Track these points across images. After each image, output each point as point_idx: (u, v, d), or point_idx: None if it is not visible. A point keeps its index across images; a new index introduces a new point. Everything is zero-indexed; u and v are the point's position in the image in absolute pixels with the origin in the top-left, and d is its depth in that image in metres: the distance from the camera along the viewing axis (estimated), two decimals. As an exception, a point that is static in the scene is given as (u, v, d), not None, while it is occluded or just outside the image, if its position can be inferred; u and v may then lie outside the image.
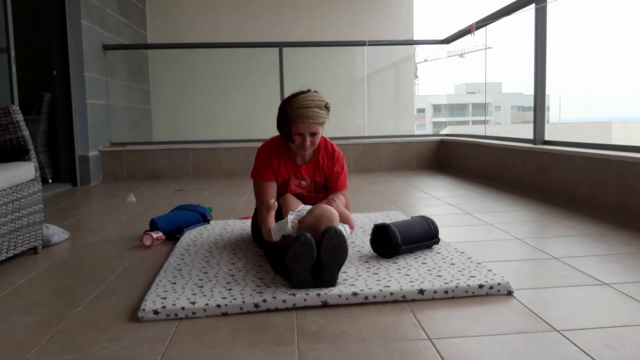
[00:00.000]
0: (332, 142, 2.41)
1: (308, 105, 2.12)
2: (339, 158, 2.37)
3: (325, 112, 2.17)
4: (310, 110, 2.12)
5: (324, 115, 2.16)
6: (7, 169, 2.22)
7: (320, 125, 2.18)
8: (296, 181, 2.34)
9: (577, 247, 2.28)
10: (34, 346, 1.42)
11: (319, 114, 2.14)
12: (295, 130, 2.15)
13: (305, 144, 2.17)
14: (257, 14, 7.10)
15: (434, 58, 39.01)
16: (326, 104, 2.18)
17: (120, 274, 2.08)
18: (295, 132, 2.16)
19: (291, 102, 2.17)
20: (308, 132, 2.15)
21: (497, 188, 4.15)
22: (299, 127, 2.13)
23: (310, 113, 2.11)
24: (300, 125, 2.13)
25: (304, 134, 2.15)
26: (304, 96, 2.16)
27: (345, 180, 2.40)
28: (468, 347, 1.35)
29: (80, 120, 5.00)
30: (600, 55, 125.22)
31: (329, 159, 2.35)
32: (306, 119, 2.11)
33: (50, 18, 4.86)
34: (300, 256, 1.68)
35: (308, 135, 2.15)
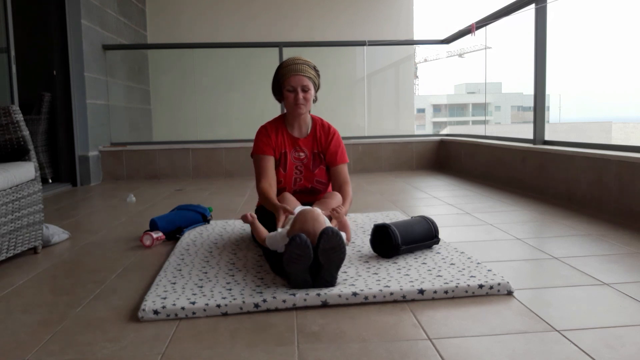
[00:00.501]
0: (329, 123, 2.56)
1: (297, 62, 2.34)
2: (334, 133, 2.52)
3: (314, 71, 2.37)
4: (299, 65, 2.32)
5: (312, 73, 2.35)
6: (7, 169, 2.22)
7: (310, 81, 2.34)
8: (295, 153, 2.45)
9: (577, 247, 2.28)
10: (34, 346, 1.42)
11: (308, 69, 2.33)
12: (288, 86, 2.33)
13: (298, 98, 2.32)
14: (257, 14, 7.10)
15: (434, 58, 39.04)
16: (314, 66, 2.39)
17: (120, 274, 2.08)
18: (288, 89, 2.33)
19: (282, 64, 2.39)
20: (299, 86, 2.31)
21: (497, 188, 4.15)
22: (290, 81, 2.31)
23: (299, 67, 2.32)
24: (292, 79, 2.31)
25: (295, 89, 2.31)
26: (293, 57, 2.38)
27: (344, 155, 2.53)
28: (468, 347, 1.35)
29: (80, 120, 5.00)
30: (600, 55, 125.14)
31: (325, 134, 2.49)
32: (296, 72, 2.30)
33: (50, 18, 4.86)
34: (296, 257, 1.68)
35: (300, 90, 2.31)
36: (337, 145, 2.50)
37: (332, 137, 2.49)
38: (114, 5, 5.77)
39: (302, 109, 2.36)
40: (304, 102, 2.33)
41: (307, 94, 2.34)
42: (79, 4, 4.88)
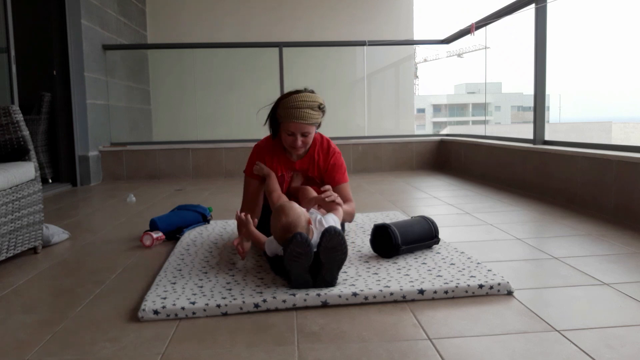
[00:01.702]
0: (329, 139, 2.41)
1: (300, 106, 2.11)
2: (334, 153, 2.36)
3: (318, 113, 2.16)
4: (302, 111, 2.10)
5: (316, 116, 2.15)
6: (7, 169, 2.22)
7: (311, 126, 2.17)
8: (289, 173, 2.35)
9: (577, 247, 2.28)
10: (34, 346, 1.42)
11: (311, 114, 2.12)
12: (287, 130, 2.16)
13: (297, 144, 2.17)
14: (257, 14, 7.11)
15: (434, 58, 39.05)
16: (320, 104, 2.16)
17: (120, 274, 2.08)
18: (287, 132, 2.17)
19: (283, 101, 2.16)
20: (299, 132, 2.15)
21: (497, 188, 4.15)
22: (290, 127, 2.14)
23: (301, 113, 2.10)
24: (292, 125, 2.13)
25: (295, 134, 2.15)
26: (297, 96, 2.14)
27: (344, 175, 2.37)
28: (468, 347, 1.35)
29: (80, 120, 5.00)
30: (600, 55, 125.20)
31: (324, 155, 2.34)
32: (297, 119, 2.11)
33: (50, 18, 4.86)
34: (297, 256, 1.68)
35: (299, 135, 2.16)
36: (338, 166, 2.34)
37: (331, 157, 2.34)
38: (114, 5, 5.77)
39: (299, 150, 2.23)
40: (302, 146, 2.19)
41: (307, 138, 2.18)
42: (79, 4, 4.88)
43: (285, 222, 1.81)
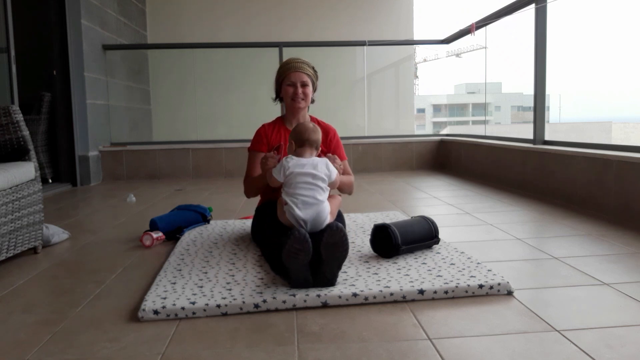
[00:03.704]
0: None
1: (297, 60, 2.46)
2: (333, 131, 2.56)
3: (312, 70, 2.46)
4: (299, 63, 2.44)
5: (311, 72, 2.46)
6: (7, 169, 2.22)
7: (309, 78, 2.43)
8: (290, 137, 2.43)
9: (577, 247, 2.28)
10: (34, 346, 1.42)
11: (307, 67, 2.45)
12: (287, 82, 2.43)
13: (297, 92, 2.41)
14: (257, 14, 7.10)
15: (433, 58, 39.06)
16: (313, 67, 2.49)
17: (120, 274, 2.08)
18: (288, 84, 2.43)
19: (282, 63, 2.49)
20: (299, 82, 2.41)
21: (497, 188, 4.15)
22: (290, 77, 2.42)
23: (298, 65, 2.43)
24: (291, 75, 2.41)
25: (295, 83, 2.41)
26: (293, 57, 2.51)
27: (343, 152, 2.58)
28: (468, 347, 1.35)
29: (80, 120, 5.00)
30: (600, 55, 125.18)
31: (324, 133, 2.50)
32: (295, 69, 2.42)
33: (50, 18, 4.86)
34: (296, 252, 1.68)
35: (299, 85, 2.41)
36: (336, 144, 2.54)
37: (331, 135, 2.53)
38: (114, 5, 5.77)
39: (301, 103, 2.44)
40: (303, 97, 2.43)
41: (306, 89, 2.43)
42: (79, 4, 4.88)
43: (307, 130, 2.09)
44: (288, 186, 2.01)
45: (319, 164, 2.03)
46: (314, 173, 1.99)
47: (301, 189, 1.98)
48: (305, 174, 1.99)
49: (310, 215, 1.94)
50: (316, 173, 2.00)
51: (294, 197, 1.97)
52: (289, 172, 2.00)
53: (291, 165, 2.01)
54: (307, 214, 1.94)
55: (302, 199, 1.96)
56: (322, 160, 2.07)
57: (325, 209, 1.98)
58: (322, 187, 2.01)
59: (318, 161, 2.05)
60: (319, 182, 2.00)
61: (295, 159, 2.03)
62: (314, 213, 1.95)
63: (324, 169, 2.03)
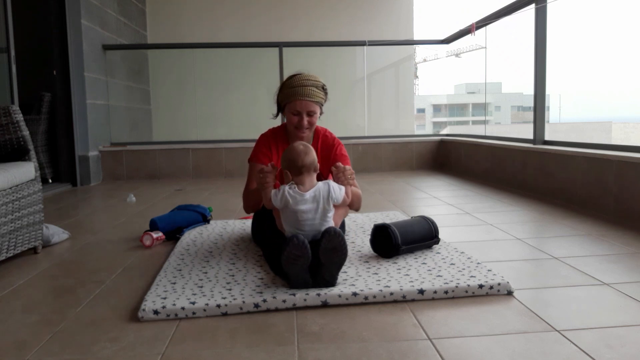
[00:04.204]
0: (332, 132, 2.43)
1: (304, 84, 2.15)
2: (338, 144, 2.38)
3: (321, 93, 2.20)
4: (307, 89, 2.15)
5: (320, 95, 2.19)
6: (7, 169, 2.22)
7: (317, 105, 2.20)
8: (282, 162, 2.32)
9: (577, 247, 2.28)
10: (34, 346, 1.42)
11: (316, 92, 2.17)
12: (293, 109, 2.18)
13: (303, 123, 2.19)
14: (257, 14, 7.10)
15: (433, 58, 39.05)
16: (323, 85, 2.21)
17: (120, 274, 2.08)
18: (293, 112, 2.19)
19: (288, 81, 2.20)
20: (305, 111, 2.17)
21: (497, 188, 4.15)
22: (296, 105, 2.16)
23: (306, 91, 2.15)
24: (297, 103, 2.16)
25: (301, 113, 2.18)
26: (301, 75, 2.20)
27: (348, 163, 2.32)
28: (468, 347, 1.35)
29: (80, 120, 5.00)
30: (600, 55, 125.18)
31: (329, 146, 2.36)
32: (302, 96, 2.15)
33: (50, 18, 4.86)
34: (295, 258, 1.67)
35: (305, 115, 2.18)
36: (341, 154, 2.36)
37: (336, 147, 2.36)
38: (114, 5, 5.77)
39: (305, 132, 2.23)
40: (308, 127, 2.21)
41: (313, 118, 2.21)
42: (79, 4, 4.88)
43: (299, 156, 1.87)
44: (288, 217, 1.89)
45: (321, 197, 1.86)
46: (316, 208, 1.86)
47: (304, 225, 1.86)
48: (307, 210, 1.85)
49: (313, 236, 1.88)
50: (319, 208, 1.86)
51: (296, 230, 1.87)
52: (290, 208, 1.85)
53: (292, 202, 1.85)
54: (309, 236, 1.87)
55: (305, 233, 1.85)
56: (325, 187, 1.89)
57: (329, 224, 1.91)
58: (327, 216, 1.89)
59: (321, 190, 1.88)
60: (324, 214, 1.88)
61: (297, 194, 1.86)
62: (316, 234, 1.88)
63: (328, 197, 1.88)
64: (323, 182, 1.91)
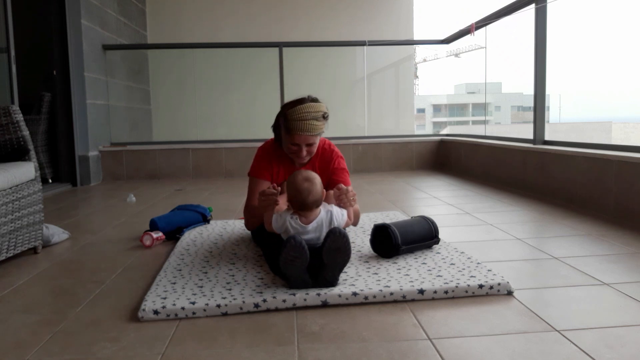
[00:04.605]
0: (331, 142, 2.41)
1: (305, 118, 2.09)
2: (337, 157, 2.37)
3: (322, 123, 2.15)
4: (307, 123, 2.09)
5: (320, 127, 2.15)
6: (7, 169, 2.22)
7: (316, 137, 2.18)
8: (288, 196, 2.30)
9: (577, 247, 2.28)
10: (34, 346, 1.42)
11: (316, 125, 2.11)
12: (291, 141, 2.15)
13: (302, 154, 2.18)
14: (257, 14, 7.10)
15: (433, 58, 39.04)
16: (324, 113, 2.15)
17: (120, 274, 2.08)
18: (292, 143, 2.16)
19: (288, 113, 2.13)
20: (304, 144, 2.16)
21: (497, 188, 4.15)
22: (295, 139, 2.13)
23: (306, 126, 2.09)
24: (296, 137, 2.12)
25: (300, 145, 2.16)
26: (301, 107, 2.11)
27: (348, 178, 2.36)
28: (468, 347, 1.35)
29: (80, 120, 5.00)
30: (600, 55, 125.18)
31: (327, 159, 2.35)
32: (302, 131, 2.10)
33: (50, 18, 4.86)
34: (293, 259, 1.67)
35: (304, 146, 2.16)
36: (340, 169, 2.35)
37: (335, 160, 2.34)
38: (114, 5, 5.77)
39: (304, 159, 2.24)
40: (307, 155, 2.21)
41: (312, 148, 2.19)
42: (79, 4, 4.88)
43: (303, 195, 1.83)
44: None
45: (324, 227, 1.86)
46: (319, 236, 1.86)
47: None
48: (309, 239, 1.84)
49: None
50: (321, 236, 1.85)
51: None
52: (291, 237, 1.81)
53: (294, 232, 1.83)
54: None
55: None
56: (327, 217, 1.88)
57: None
58: None
59: (323, 221, 1.87)
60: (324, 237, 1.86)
61: (299, 226, 1.85)
62: None
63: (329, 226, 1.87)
64: (325, 211, 1.90)
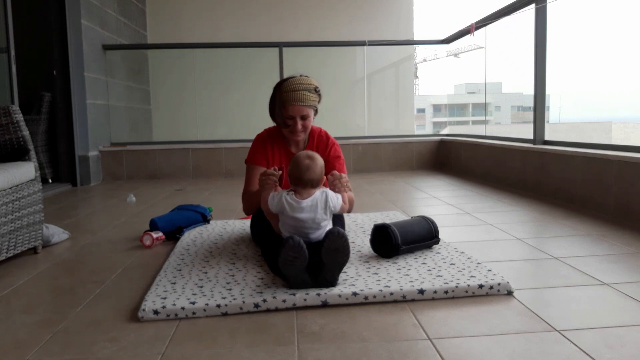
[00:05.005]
0: (326, 131, 2.44)
1: (297, 89, 2.17)
2: (333, 145, 2.40)
3: (314, 96, 2.21)
4: (300, 93, 2.16)
5: (313, 99, 2.20)
6: (7, 169, 2.22)
7: (310, 108, 2.22)
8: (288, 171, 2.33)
9: (577, 247, 2.28)
10: (34, 346, 1.42)
11: (308, 96, 2.18)
12: (286, 114, 2.20)
13: (297, 128, 2.22)
14: (257, 14, 7.11)
15: (433, 58, 39.02)
16: (315, 87, 2.22)
17: (120, 274, 2.08)
18: (286, 116, 2.20)
19: (281, 86, 2.21)
20: (299, 115, 2.19)
21: (497, 188, 4.15)
22: (289, 111, 2.18)
23: (299, 96, 2.16)
24: (290, 108, 2.17)
25: (294, 117, 2.20)
26: (293, 80, 2.21)
27: (343, 166, 2.39)
28: (468, 347, 1.35)
29: (80, 120, 5.00)
30: (600, 55, 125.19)
31: (324, 144, 2.38)
32: (295, 101, 2.16)
33: (50, 18, 4.86)
34: (292, 259, 1.67)
35: (299, 119, 2.20)
36: (335, 156, 2.38)
37: (330, 147, 2.38)
38: (114, 5, 5.77)
39: (300, 136, 2.28)
40: (302, 130, 2.24)
41: (307, 121, 2.23)
42: (79, 4, 4.88)
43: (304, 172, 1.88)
44: (285, 223, 1.92)
45: (319, 206, 1.88)
46: (314, 217, 1.88)
47: (300, 232, 1.88)
48: (304, 219, 1.87)
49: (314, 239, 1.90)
50: (316, 217, 1.88)
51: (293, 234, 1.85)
52: (287, 214, 1.88)
53: (289, 208, 1.88)
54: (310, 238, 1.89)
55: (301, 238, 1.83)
56: (322, 197, 1.90)
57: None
58: (324, 224, 1.92)
59: (318, 200, 1.89)
60: (320, 222, 1.90)
61: (294, 201, 1.88)
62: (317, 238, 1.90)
63: (325, 207, 1.90)
64: (320, 191, 1.92)
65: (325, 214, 1.90)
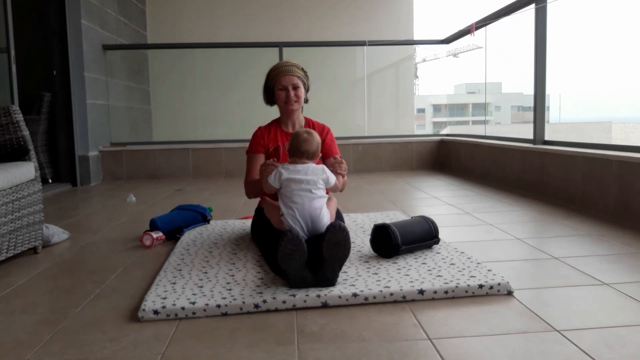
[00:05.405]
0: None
1: (285, 64, 2.45)
2: (328, 131, 2.57)
3: (302, 72, 2.46)
4: (288, 67, 2.43)
5: (301, 73, 2.45)
6: (7, 169, 2.22)
7: (299, 80, 2.42)
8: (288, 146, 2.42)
9: (577, 247, 2.28)
10: (34, 346, 1.43)
11: (297, 70, 2.43)
12: (279, 86, 2.42)
13: (290, 95, 2.41)
14: (257, 14, 7.10)
15: (433, 58, 39.02)
16: (303, 68, 2.48)
17: (120, 274, 2.08)
18: (279, 88, 2.42)
19: (273, 67, 2.48)
20: (290, 85, 2.40)
21: (497, 188, 4.15)
22: (281, 81, 2.41)
23: (288, 68, 2.42)
24: (282, 79, 2.40)
25: (286, 87, 2.40)
26: (282, 61, 2.51)
27: (337, 148, 2.57)
28: (468, 347, 1.35)
29: (80, 120, 5.00)
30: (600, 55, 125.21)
31: (319, 130, 2.53)
32: (285, 72, 2.41)
33: (50, 18, 4.86)
34: (291, 252, 1.67)
35: (291, 88, 2.41)
36: (331, 139, 2.53)
37: (326, 132, 2.53)
38: (114, 5, 5.77)
39: (294, 105, 2.44)
40: (295, 99, 2.42)
41: (298, 91, 2.43)
42: (79, 4, 4.88)
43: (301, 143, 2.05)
44: (284, 194, 2.00)
45: (315, 170, 2.02)
46: (308, 179, 1.98)
47: (297, 196, 1.96)
48: (300, 180, 1.98)
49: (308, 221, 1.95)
50: (311, 178, 1.99)
51: (291, 207, 1.96)
52: (284, 177, 1.99)
53: (285, 172, 2.00)
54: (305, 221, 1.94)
55: (298, 207, 1.95)
56: (319, 166, 2.06)
57: (324, 216, 1.97)
58: (319, 193, 2.00)
59: (314, 167, 2.04)
60: (314, 187, 1.98)
61: (290, 166, 2.03)
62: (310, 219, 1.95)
63: (321, 173, 2.02)
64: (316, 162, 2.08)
65: (320, 180, 2.01)
